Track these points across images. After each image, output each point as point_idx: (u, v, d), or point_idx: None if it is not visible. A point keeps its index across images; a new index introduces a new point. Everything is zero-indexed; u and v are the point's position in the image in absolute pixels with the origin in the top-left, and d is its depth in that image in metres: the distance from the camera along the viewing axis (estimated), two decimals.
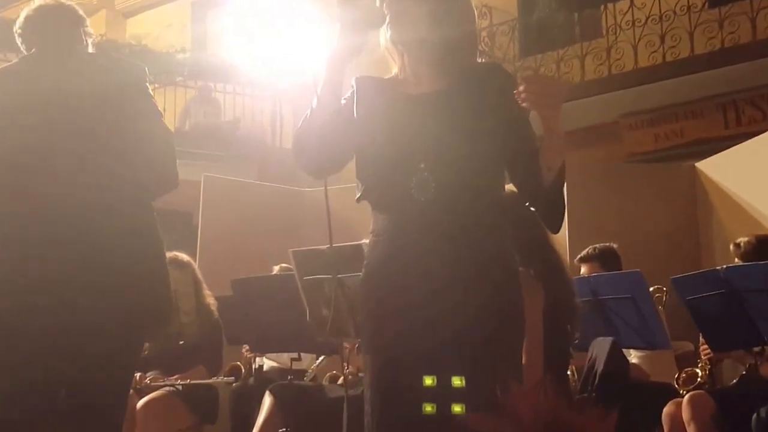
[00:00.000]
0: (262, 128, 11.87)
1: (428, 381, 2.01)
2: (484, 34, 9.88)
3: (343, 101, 2.25)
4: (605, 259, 4.87)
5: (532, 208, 2.24)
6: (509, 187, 2.24)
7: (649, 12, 9.15)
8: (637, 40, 9.15)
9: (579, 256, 4.97)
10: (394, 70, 2.28)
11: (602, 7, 9.62)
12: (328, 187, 2.29)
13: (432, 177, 2.07)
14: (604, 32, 9.61)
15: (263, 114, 11.88)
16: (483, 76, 2.16)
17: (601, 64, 9.42)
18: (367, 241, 4.47)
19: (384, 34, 2.21)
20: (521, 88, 1.98)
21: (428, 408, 2.01)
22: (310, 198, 7.17)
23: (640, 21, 9.18)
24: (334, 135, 2.17)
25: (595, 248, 4.92)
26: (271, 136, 11.87)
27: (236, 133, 11.76)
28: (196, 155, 10.83)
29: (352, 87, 2.28)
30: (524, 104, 1.98)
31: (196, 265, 5.26)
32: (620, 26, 9.36)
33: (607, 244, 4.96)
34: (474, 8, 2.29)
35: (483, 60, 2.34)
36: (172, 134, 2.85)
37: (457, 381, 2.01)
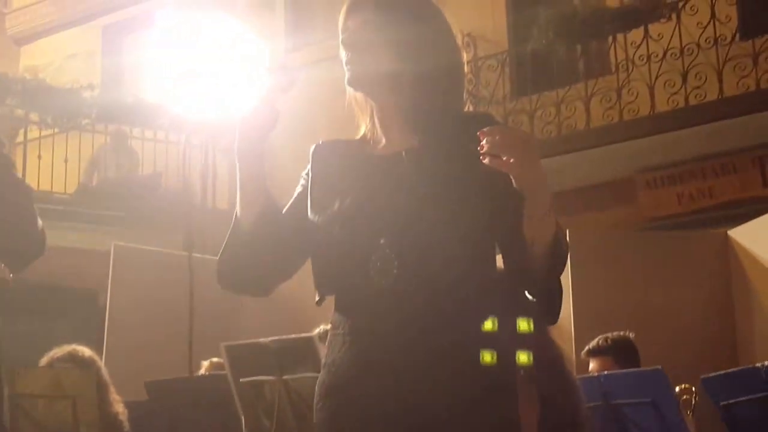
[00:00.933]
0: (189, 185, 11.83)
1: None
2: (467, 69, 9.98)
3: (301, 184, 2.26)
4: (619, 352, 4.87)
5: (526, 293, 2.21)
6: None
7: (668, 44, 9.31)
8: (653, 79, 9.29)
9: (586, 348, 4.96)
10: (363, 128, 2.28)
11: (611, 37, 9.78)
12: None
13: (394, 254, 2.06)
14: (614, 68, 9.75)
15: (191, 167, 11.85)
16: (468, 129, 2.14)
17: (610, 108, 9.54)
18: (320, 331, 4.42)
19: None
20: (483, 143, 1.96)
21: None
22: None
23: (657, 55, 9.34)
24: (274, 248, 2.18)
25: (606, 339, 4.92)
26: (201, 195, 11.83)
27: (157, 191, 11.70)
28: (105, 219, 10.77)
29: (308, 167, 2.28)
30: (486, 161, 1.95)
31: (101, 362, 5.17)
32: (633, 61, 9.51)
33: (622, 333, 4.96)
34: (455, 36, 2.28)
35: (470, 106, 2.32)
36: (29, 188, 2.75)
37: None
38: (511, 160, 1.91)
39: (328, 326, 2.25)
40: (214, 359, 5.18)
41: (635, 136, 9.26)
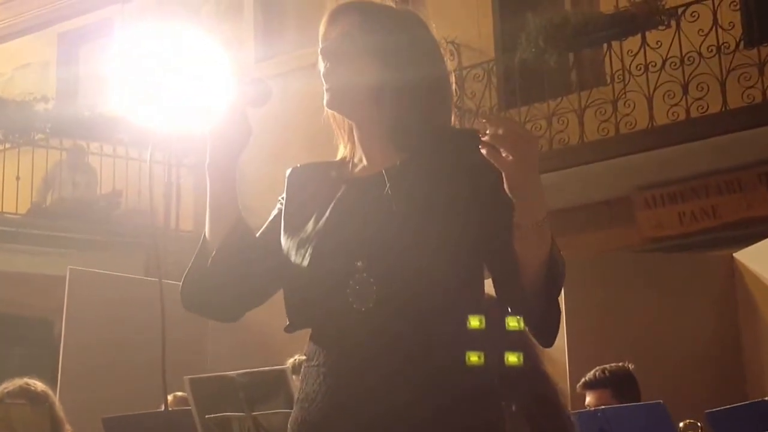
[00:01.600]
0: (152, 204, 11.81)
1: None
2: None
3: (277, 208, 2.27)
4: (618, 384, 4.88)
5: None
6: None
7: (667, 53, 9.34)
8: (652, 90, 9.31)
9: (582, 381, 4.96)
10: (342, 149, 2.30)
11: (605, 46, 9.82)
12: None
13: (373, 279, 2.05)
14: (609, 79, 9.78)
15: (153, 186, 11.83)
16: (456, 146, 2.13)
17: (605, 121, 9.56)
18: (295, 362, 4.39)
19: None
20: (487, 132, 1.94)
21: None
22: None
23: (656, 65, 9.37)
24: (243, 271, 2.19)
25: (604, 370, 4.93)
26: (165, 216, 11.80)
27: (116, 212, 11.66)
28: (61, 241, 10.72)
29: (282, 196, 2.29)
30: (483, 151, 1.94)
31: (55, 397, 5.12)
32: (629, 71, 9.54)
33: (620, 364, 4.96)
34: (439, 45, 2.28)
35: (455, 119, 2.31)
36: None
37: None
38: (509, 158, 1.91)
39: (303, 357, 2.23)
40: (178, 393, 5.12)
41: (632, 151, 9.27)
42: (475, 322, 2.02)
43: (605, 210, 9.81)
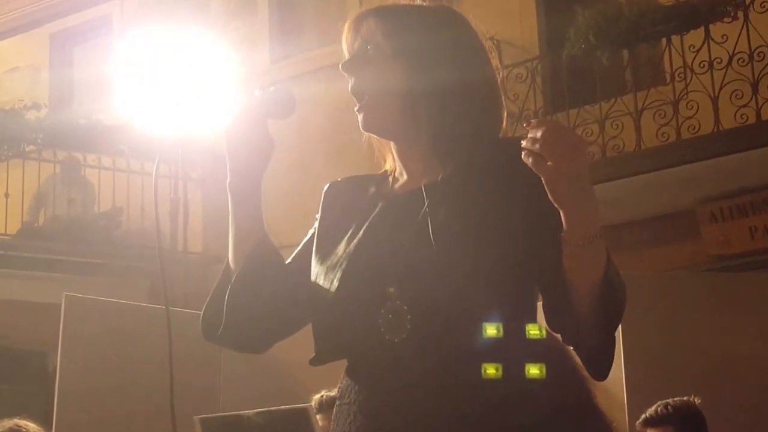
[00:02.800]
0: (156, 223, 11.84)
1: None
2: None
3: (314, 227, 2.30)
4: (683, 421, 4.88)
5: (569, 347, 2.19)
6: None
7: (734, 48, 9.31)
8: (717, 90, 9.28)
9: (643, 417, 4.95)
10: (389, 161, 2.32)
11: (664, 41, 9.79)
12: None
13: (407, 307, 2.06)
14: (669, 78, 9.75)
15: (158, 202, 11.85)
16: (505, 157, 2.12)
17: (665, 125, 9.53)
18: (323, 399, 4.41)
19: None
20: (526, 139, 1.93)
21: None
22: None
23: (721, 61, 9.33)
24: (269, 298, 2.21)
25: (667, 405, 4.92)
26: (171, 236, 11.83)
27: (117, 232, 11.70)
28: (55, 264, 10.76)
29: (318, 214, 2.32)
30: (523, 156, 1.92)
31: None
32: (692, 69, 9.51)
33: (685, 398, 4.94)
34: (483, 43, 2.29)
35: (506, 129, 2.30)
36: None
37: None
38: (549, 163, 1.89)
39: (331, 392, 2.24)
40: None
41: (696, 158, 9.23)
42: (491, 330, 2.01)
43: (666, 225, 9.77)
